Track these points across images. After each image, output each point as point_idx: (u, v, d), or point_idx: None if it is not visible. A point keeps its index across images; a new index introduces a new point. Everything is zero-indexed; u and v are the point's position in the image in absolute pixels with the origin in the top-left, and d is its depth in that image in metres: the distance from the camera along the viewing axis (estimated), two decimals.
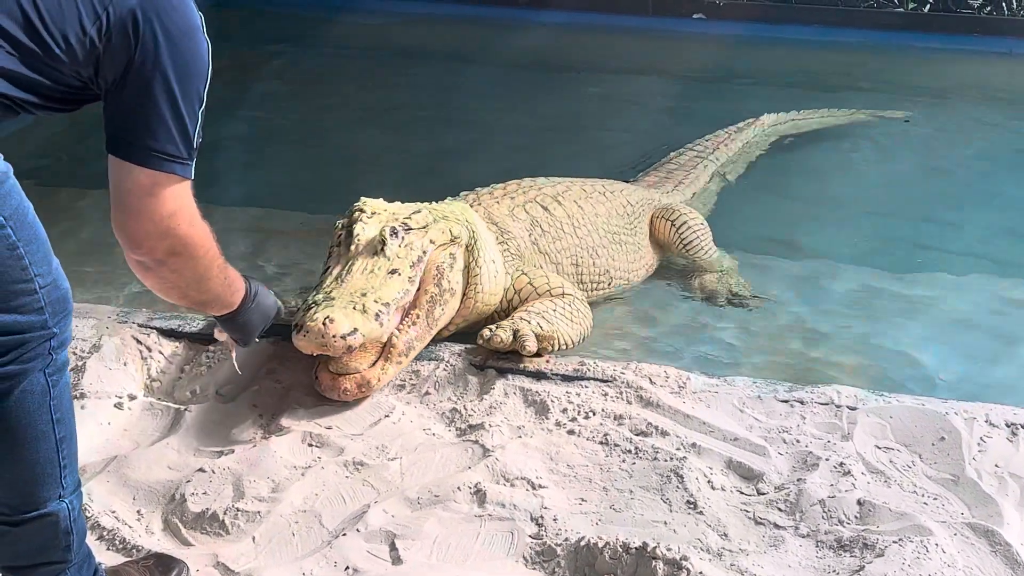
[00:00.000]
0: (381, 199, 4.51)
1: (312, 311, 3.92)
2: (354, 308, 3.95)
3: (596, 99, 8.09)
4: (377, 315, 3.98)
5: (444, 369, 4.17)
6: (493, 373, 4.14)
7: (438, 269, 4.32)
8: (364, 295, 4.04)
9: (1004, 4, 8.84)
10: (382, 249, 4.22)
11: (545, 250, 4.89)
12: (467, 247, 4.46)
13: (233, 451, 3.74)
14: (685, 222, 5.45)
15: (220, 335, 3.64)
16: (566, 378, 4.10)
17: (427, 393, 4.07)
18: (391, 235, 4.24)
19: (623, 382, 4.04)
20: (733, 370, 4.37)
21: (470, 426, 3.87)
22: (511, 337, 4.18)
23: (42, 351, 2.61)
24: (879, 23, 8.99)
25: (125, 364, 4.19)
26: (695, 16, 9.29)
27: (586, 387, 4.04)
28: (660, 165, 6.30)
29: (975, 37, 8.84)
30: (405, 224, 4.32)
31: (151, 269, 2.87)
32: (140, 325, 4.36)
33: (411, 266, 4.23)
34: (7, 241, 2.49)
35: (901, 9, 9.01)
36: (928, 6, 8.97)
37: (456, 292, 4.39)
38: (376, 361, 4.05)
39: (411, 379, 4.13)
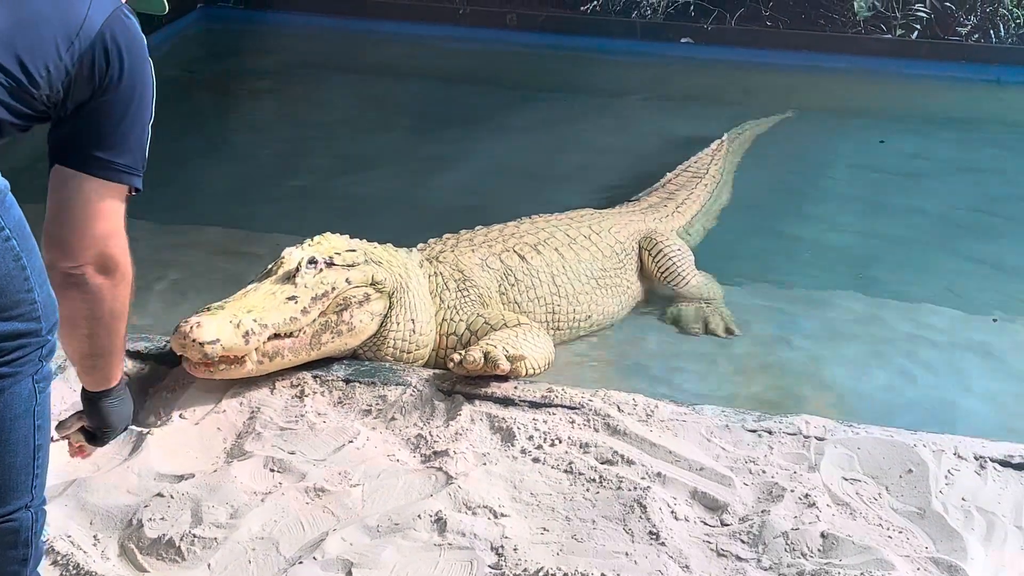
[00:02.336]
0: (347, 236, 4.60)
1: (196, 314, 4.08)
2: (230, 322, 4.06)
3: (587, 121, 8.07)
4: (247, 333, 4.06)
5: (411, 394, 4.14)
6: (461, 399, 4.11)
7: (344, 300, 4.37)
8: (249, 312, 4.14)
9: (992, 32, 8.83)
10: (294, 276, 4.32)
11: (515, 300, 4.90)
12: (390, 296, 4.50)
13: (194, 475, 3.70)
14: (661, 251, 5.43)
15: (73, 429, 3.26)
16: (534, 404, 4.07)
17: (393, 418, 4.04)
18: (307, 264, 4.35)
19: (591, 409, 4.01)
20: (703, 398, 4.34)
21: (435, 452, 3.84)
22: (483, 359, 4.15)
23: (34, 358, 2.66)
24: (867, 49, 8.98)
25: None
26: (683, 40, 9.28)
27: (553, 414, 4.01)
28: (660, 187, 6.26)
29: (963, 64, 8.82)
30: (329, 258, 4.40)
31: (77, 286, 2.81)
32: None
33: (312, 298, 4.29)
34: (12, 252, 2.57)
35: (889, 36, 9.00)
36: (916, 33, 8.96)
37: (357, 331, 4.41)
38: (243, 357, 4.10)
39: (377, 404, 4.10)
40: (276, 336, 4.17)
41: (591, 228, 5.34)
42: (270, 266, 4.45)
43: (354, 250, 4.51)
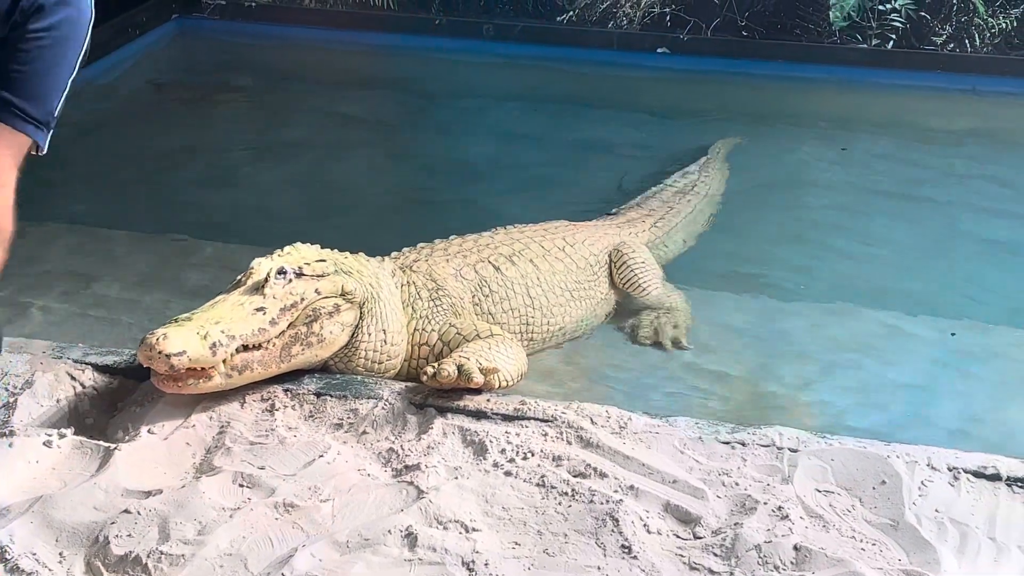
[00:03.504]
0: (317, 246, 4.56)
1: (163, 326, 4.03)
2: (197, 333, 4.00)
3: (563, 130, 8.06)
4: (214, 344, 4.01)
5: (383, 408, 4.10)
6: (433, 412, 4.08)
7: (314, 311, 4.33)
8: (217, 323, 4.09)
9: (967, 41, 8.86)
10: (262, 286, 4.27)
11: (489, 311, 4.88)
12: (360, 306, 4.46)
13: (161, 491, 3.65)
14: (625, 262, 5.43)
15: None
16: (506, 418, 4.04)
17: (364, 432, 4.00)
18: (276, 275, 4.30)
19: (564, 422, 3.98)
20: (676, 410, 4.31)
21: (406, 467, 3.80)
22: (456, 372, 4.12)
23: None
24: (843, 59, 8.99)
25: (57, 401, 4.12)
26: (659, 50, 9.28)
27: (526, 427, 3.98)
28: (642, 200, 6.26)
29: (939, 74, 8.84)
30: (299, 269, 4.36)
31: None
32: (75, 361, 4.30)
33: (281, 309, 4.25)
34: None
35: (864, 45, 9.02)
36: (892, 43, 8.98)
37: (327, 342, 4.37)
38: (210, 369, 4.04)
39: (349, 417, 4.07)
40: (245, 348, 4.11)
41: (565, 240, 5.33)
42: (239, 277, 4.40)
43: (324, 260, 4.47)
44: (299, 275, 4.35)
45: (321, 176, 7.23)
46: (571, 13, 9.46)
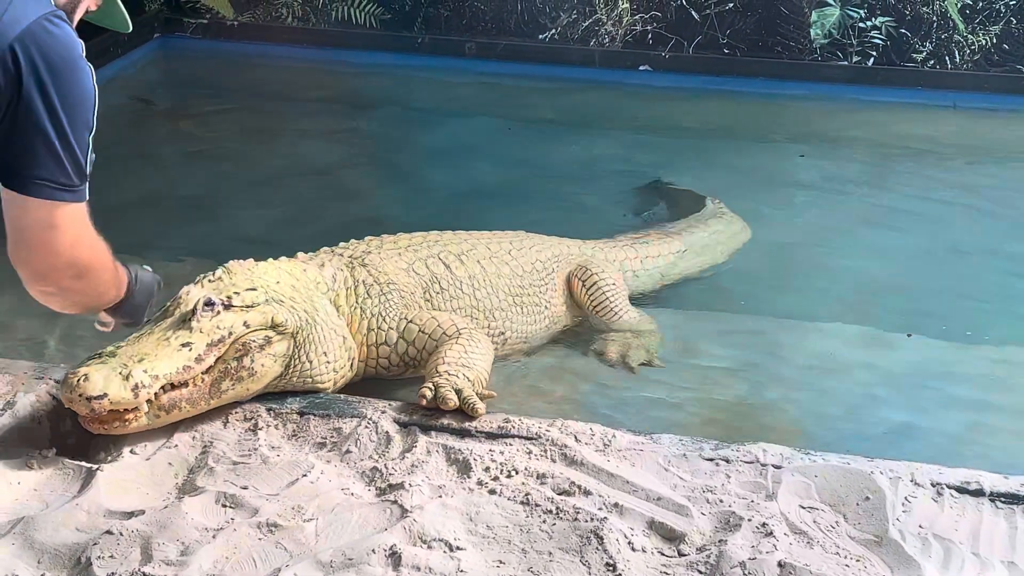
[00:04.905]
0: (251, 260, 4.48)
1: (85, 363, 3.95)
2: (119, 373, 3.88)
3: (545, 150, 8.07)
4: (136, 386, 3.88)
5: (366, 426, 4.09)
6: (416, 430, 4.07)
7: (244, 346, 4.18)
8: (140, 361, 3.95)
9: (947, 58, 8.91)
10: (189, 320, 4.13)
11: (439, 307, 4.82)
12: (293, 335, 4.33)
13: (144, 512, 3.63)
14: (595, 283, 5.34)
15: (105, 324, 3.85)
16: (490, 436, 4.03)
17: (348, 451, 3.99)
18: (204, 306, 4.15)
19: (548, 439, 3.98)
20: (661, 427, 4.31)
21: (390, 485, 3.79)
22: (457, 399, 4.13)
23: None
24: (824, 76, 9.04)
25: (39, 422, 4.09)
26: (641, 68, 9.31)
27: (510, 445, 3.98)
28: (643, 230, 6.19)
29: (919, 90, 8.89)
30: (227, 300, 4.22)
31: (55, 295, 3.06)
32: (57, 381, 4.26)
33: (208, 345, 4.10)
34: None
35: (845, 62, 9.07)
36: (872, 60, 9.03)
37: (259, 375, 4.22)
38: (133, 410, 3.94)
39: (332, 436, 4.06)
40: (172, 386, 4.00)
41: (512, 244, 5.27)
42: (168, 304, 4.26)
43: (254, 289, 4.31)
44: (227, 307, 4.19)
45: (301, 194, 7.21)
46: (553, 31, 9.49)
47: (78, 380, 3.85)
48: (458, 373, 4.31)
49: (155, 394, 3.95)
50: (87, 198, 2.94)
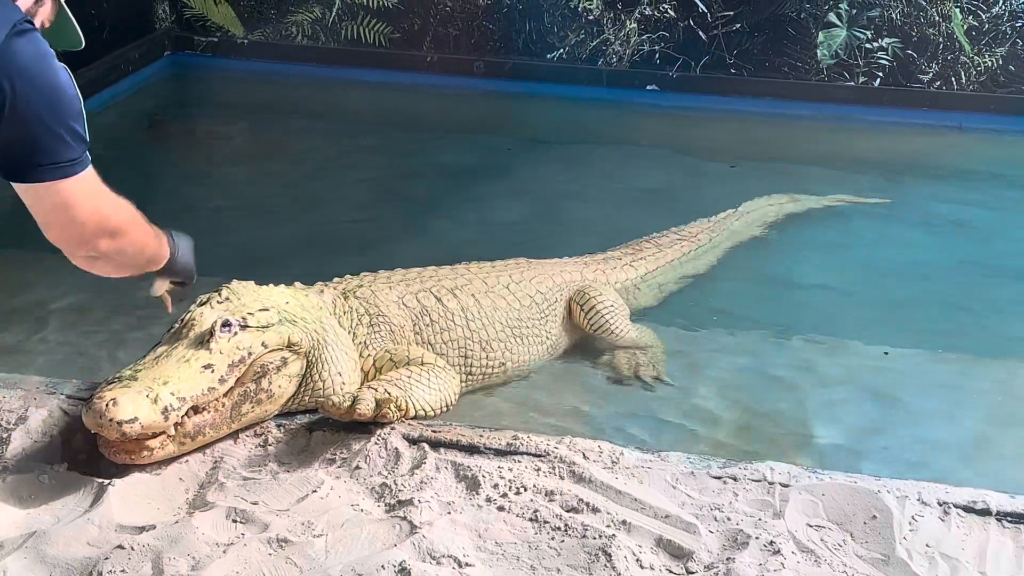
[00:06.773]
0: (252, 282, 4.49)
1: (108, 387, 3.90)
2: (147, 396, 3.86)
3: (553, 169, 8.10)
4: (166, 409, 3.87)
5: (376, 443, 4.11)
6: (426, 447, 4.09)
7: (262, 368, 4.20)
8: (165, 384, 3.94)
9: (954, 79, 8.94)
10: (208, 341, 4.13)
11: (429, 341, 4.88)
12: (306, 355, 4.36)
13: (155, 527, 3.66)
14: (593, 307, 5.40)
15: (160, 288, 3.96)
16: (499, 452, 4.06)
17: (357, 467, 4.01)
18: (222, 328, 4.15)
19: (556, 457, 4.00)
20: (668, 444, 4.34)
21: (399, 501, 3.81)
22: (348, 403, 4.10)
23: None
24: (831, 97, 9.07)
25: (51, 437, 4.12)
26: (649, 88, 9.35)
27: (519, 462, 4.00)
28: (635, 242, 6.23)
29: (926, 111, 8.93)
30: (243, 320, 4.23)
31: (99, 259, 3.21)
32: (68, 396, 4.30)
33: (229, 366, 4.11)
34: None
35: (852, 83, 9.10)
36: (879, 80, 9.06)
37: (276, 396, 4.26)
38: (160, 434, 3.92)
39: (342, 452, 4.08)
40: (195, 410, 3.99)
41: (510, 278, 5.32)
42: (175, 326, 4.26)
43: (267, 309, 4.33)
44: (244, 327, 4.21)
45: (309, 214, 7.24)
46: (561, 51, 9.53)
47: (106, 405, 3.80)
48: (378, 386, 4.35)
49: (181, 419, 3.95)
50: (90, 161, 3.05)
